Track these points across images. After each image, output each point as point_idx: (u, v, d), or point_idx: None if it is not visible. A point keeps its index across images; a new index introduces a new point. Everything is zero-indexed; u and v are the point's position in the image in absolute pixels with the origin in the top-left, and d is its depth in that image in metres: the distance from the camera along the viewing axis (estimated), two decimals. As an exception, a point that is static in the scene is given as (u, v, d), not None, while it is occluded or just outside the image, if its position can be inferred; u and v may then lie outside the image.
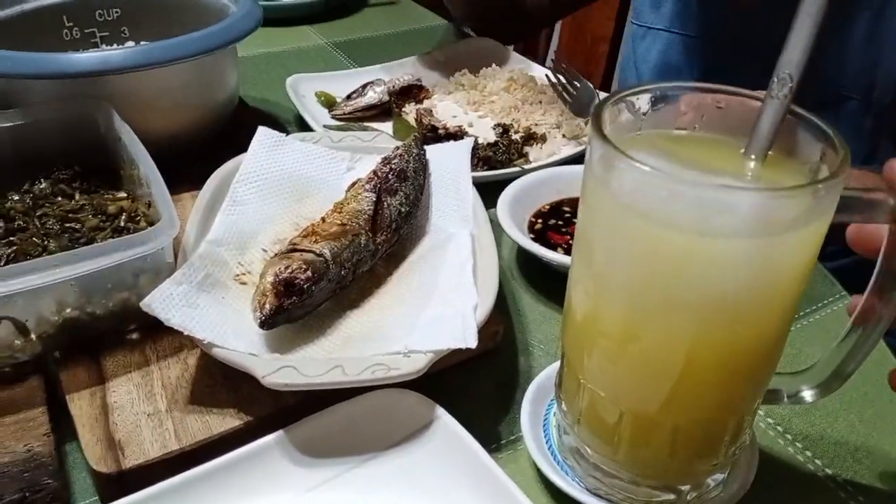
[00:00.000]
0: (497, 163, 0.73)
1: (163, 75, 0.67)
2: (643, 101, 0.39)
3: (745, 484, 0.44)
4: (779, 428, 0.50)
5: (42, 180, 0.63)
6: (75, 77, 0.63)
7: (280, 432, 0.44)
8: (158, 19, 0.81)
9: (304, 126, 0.80)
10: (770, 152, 0.36)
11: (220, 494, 0.43)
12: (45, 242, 0.56)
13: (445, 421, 0.45)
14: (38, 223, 0.59)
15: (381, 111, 0.83)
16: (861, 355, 0.41)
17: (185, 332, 0.46)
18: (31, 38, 0.75)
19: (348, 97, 0.84)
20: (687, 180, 0.33)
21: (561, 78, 0.85)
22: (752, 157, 0.36)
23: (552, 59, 0.90)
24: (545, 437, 0.48)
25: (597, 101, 0.79)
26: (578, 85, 0.84)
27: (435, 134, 0.77)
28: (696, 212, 0.33)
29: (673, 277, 0.35)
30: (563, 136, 0.79)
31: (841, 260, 0.75)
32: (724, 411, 0.40)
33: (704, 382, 0.38)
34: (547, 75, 0.88)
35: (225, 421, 0.46)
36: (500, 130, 0.79)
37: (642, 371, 0.39)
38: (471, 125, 0.82)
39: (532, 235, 0.64)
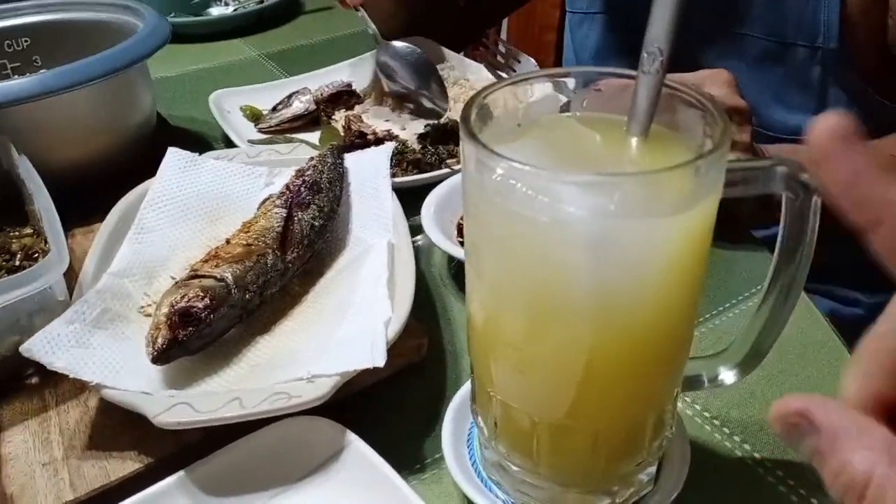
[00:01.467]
0: (427, 165, 0.70)
1: (66, 102, 0.64)
2: (520, 93, 0.36)
3: (678, 479, 0.41)
4: (715, 421, 0.47)
5: (-58, 222, 0.60)
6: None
7: (181, 473, 0.42)
8: (70, 45, 0.78)
9: (230, 143, 0.77)
10: (656, 128, 0.34)
11: (118, 546, 0.40)
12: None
13: (358, 447, 0.43)
14: (-64, 266, 0.56)
15: (309, 121, 0.80)
16: (777, 327, 0.39)
17: (71, 375, 0.43)
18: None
19: (274, 109, 0.81)
20: (561, 172, 0.30)
21: (500, 59, 0.82)
22: (634, 135, 0.34)
23: (483, 40, 0.87)
24: (469, 453, 0.45)
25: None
26: (520, 62, 0.81)
27: (364, 140, 0.75)
28: (572, 204, 0.31)
29: (561, 275, 0.32)
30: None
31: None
32: (640, 408, 0.37)
33: (613, 381, 0.35)
34: (487, 67, 0.85)
35: (124, 465, 0.44)
36: (430, 129, 0.76)
37: (548, 377, 0.36)
38: (403, 128, 0.79)
39: (461, 239, 0.61)
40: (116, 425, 0.46)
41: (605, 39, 0.93)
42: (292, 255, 0.53)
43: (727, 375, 0.41)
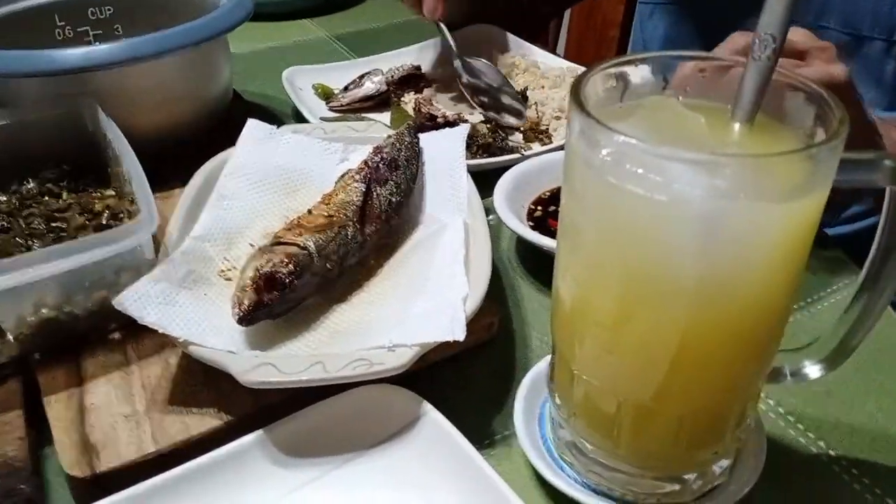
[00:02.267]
0: (497, 150, 0.71)
1: (150, 70, 0.65)
2: (626, 73, 0.36)
3: (753, 473, 0.41)
4: (790, 418, 0.47)
5: (30, 180, 0.62)
6: (59, 74, 0.61)
7: (260, 432, 0.43)
8: (152, 15, 0.80)
9: (301, 119, 0.78)
10: (760, 117, 0.34)
11: (198, 497, 0.41)
12: (29, 243, 0.55)
13: (433, 417, 0.43)
14: (23, 223, 0.57)
15: (379, 101, 0.81)
16: (868, 323, 0.38)
17: (160, 330, 0.44)
18: (22, 38, 0.73)
19: (345, 88, 0.82)
20: (673, 149, 0.30)
21: None
22: (739, 122, 0.34)
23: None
24: (541, 432, 0.45)
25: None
26: None
27: (433, 122, 0.75)
28: (684, 183, 0.31)
29: (664, 254, 0.33)
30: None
31: (847, 226, 0.72)
32: (727, 395, 0.37)
33: (703, 366, 0.35)
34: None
35: (204, 421, 0.45)
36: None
37: (638, 358, 0.36)
38: (471, 113, 0.80)
39: (531, 223, 0.61)
40: (196, 383, 0.47)
41: (675, 30, 0.93)
42: (370, 228, 0.53)
43: (812, 370, 0.41)
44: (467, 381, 0.50)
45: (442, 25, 0.84)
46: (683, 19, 0.90)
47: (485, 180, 0.62)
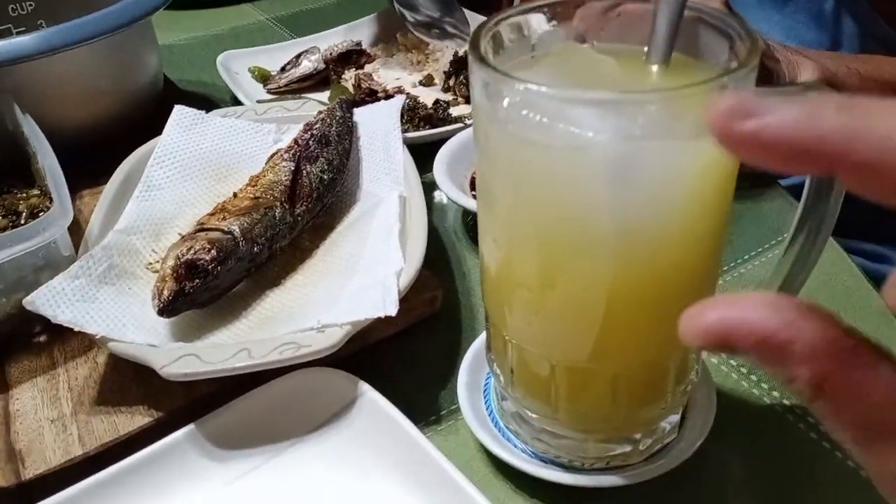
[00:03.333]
0: (439, 121, 0.69)
1: (69, 61, 0.63)
2: (532, 21, 0.35)
3: (703, 428, 0.40)
4: (742, 369, 0.46)
5: (-52, 185, 0.59)
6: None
7: (191, 426, 0.41)
8: (74, 9, 0.76)
9: (239, 105, 0.75)
10: (677, 56, 0.32)
11: (131, 497, 0.39)
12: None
13: (371, 398, 0.41)
14: (-57, 228, 0.55)
15: (318, 81, 0.79)
16: (805, 270, 0.37)
17: (76, 328, 0.42)
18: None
19: (282, 69, 0.79)
20: (573, 91, 0.28)
21: None
22: (654, 62, 0.32)
23: None
24: (486, 404, 0.44)
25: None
26: None
27: (374, 97, 0.73)
28: (591, 128, 0.29)
29: (578, 207, 0.31)
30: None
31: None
32: (662, 350, 0.36)
33: (633, 321, 0.34)
34: None
35: (133, 419, 0.43)
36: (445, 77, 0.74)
37: (566, 318, 0.34)
38: (414, 86, 0.78)
39: (474, 193, 0.59)
40: (125, 381, 0.45)
41: None
42: (301, 208, 0.51)
43: (754, 318, 0.39)
44: (412, 358, 0.49)
45: None
46: None
47: (429, 152, 0.60)
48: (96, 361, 0.46)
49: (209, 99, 0.80)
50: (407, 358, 0.48)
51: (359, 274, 0.47)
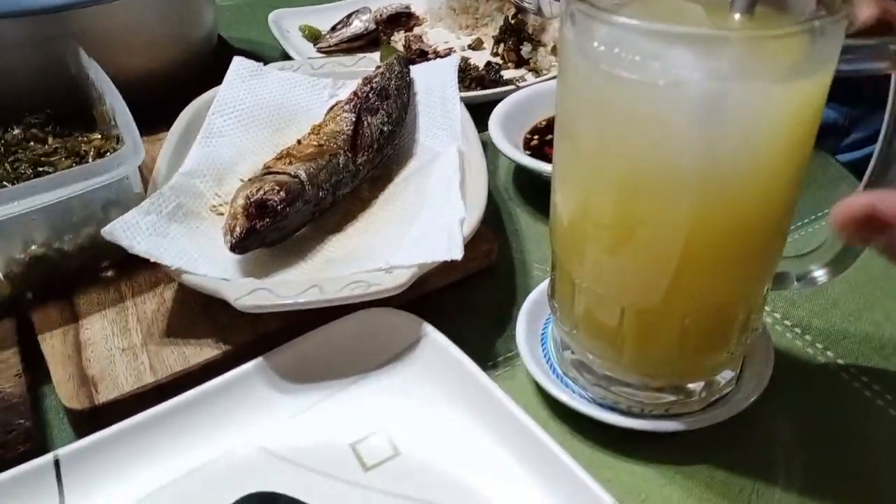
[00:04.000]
0: (491, 83, 0.69)
1: (130, 9, 0.64)
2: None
3: (760, 382, 0.41)
4: (797, 329, 0.46)
5: (14, 126, 0.60)
6: (38, 13, 0.59)
7: (260, 359, 0.42)
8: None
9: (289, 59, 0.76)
10: (761, 9, 0.32)
11: (199, 425, 0.40)
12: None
13: (434, 338, 0.42)
14: (9, 168, 0.56)
15: (368, 41, 0.79)
16: None
17: (152, 259, 0.43)
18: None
19: (333, 29, 0.80)
20: (668, 25, 0.29)
21: None
22: (738, 13, 0.32)
23: None
24: (543, 352, 0.45)
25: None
26: None
27: (425, 59, 0.73)
28: (683, 67, 0.29)
29: (664, 143, 0.31)
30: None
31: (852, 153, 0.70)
32: (732, 295, 0.36)
33: (708, 263, 0.34)
34: None
35: (202, 351, 0.44)
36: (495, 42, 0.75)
37: (642, 259, 0.35)
38: (463, 49, 0.78)
39: (528, 152, 0.60)
40: (193, 316, 0.46)
41: None
42: (363, 157, 0.52)
43: (819, 274, 0.40)
44: (469, 306, 0.49)
45: None
46: None
47: (480, 114, 0.61)
48: (163, 297, 0.48)
49: (261, 57, 0.81)
50: (464, 306, 0.49)
51: (420, 221, 0.48)
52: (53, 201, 0.44)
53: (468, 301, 0.50)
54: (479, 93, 0.67)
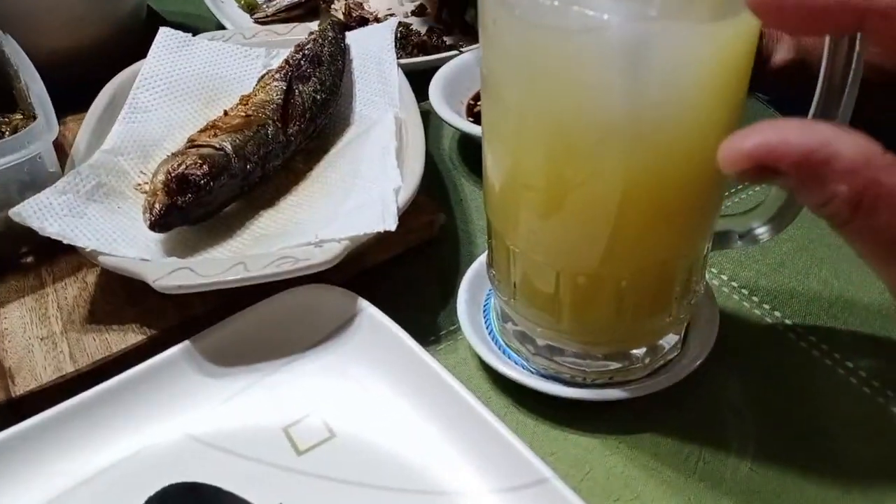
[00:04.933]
0: (433, 48, 0.67)
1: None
2: None
3: (705, 346, 0.40)
4: (744, 291, 0.45)
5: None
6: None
7: (186, 342, 0.40)
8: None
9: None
10: None
11: (121, 415, 0.38)
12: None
13: (370, 313, 0.41)
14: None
15: (307, 10, 0.76)
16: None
17: (65, 241, 0.40)
18: None
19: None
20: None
21: None
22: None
23: None
24: (486, 324, 0.43)
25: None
26: None
27: (365, 25, 0.71)
28: (604, 10, 0.27)
29: (590, 94, 0.30)
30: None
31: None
32: (669, 255, 0.35)
33: (642, 223, 0.33)
34: None
35: (126, 338, 0.42)
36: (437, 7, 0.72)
37: (574, 221, 0.33)
38: (406, 16, 0.75)
39: (471, 119, 0.58)
40: (117, 301, 0.44)
41: None
42: (294, 127, 0.50)
43: (761, 230, 0.38)
44: (410, 281, 0.48)
45: None
46: None
47: (423, 82, 0.59)
48: (86, 281, 0.45)
49: (194, 30, 0.77)
50: (405, 282, 0.48)
51: (355, 192, 0.46)
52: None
53: (410, 275, 0.48)
54: (421, 59, 0.65)
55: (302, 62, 0.53)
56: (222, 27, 0.73)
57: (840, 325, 0.43)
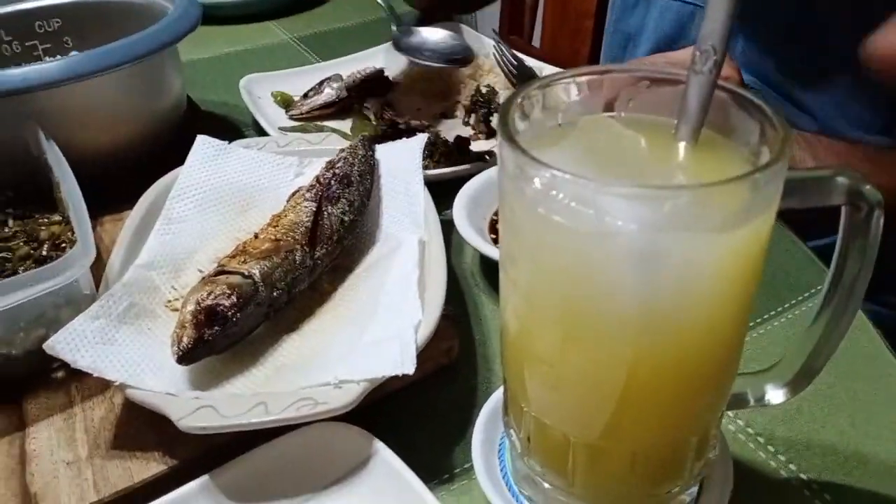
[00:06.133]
0: (459, 158, 0.68)
1: (94, 87, 0.63)
2: (559, 92, 0.34)
3: (720, 501, 0.40)
4: (760, 439, 0.45)
5: (-27, 206, 0.60)
6: (2, 97, 0.58)
7: (205, 477, 0.41)
8: (100, 26, 0.77)
9: (261, 130, 0.76)
10: (706, 132, 0.32)
11: (140, 550, 0.39)
12: (-29, 276, 0.53)
13: (384, 456, 0.41)
14: (-34, 254, 0.55)
15: (340, 108, 0.78)
16: (831, 345, 0.36)
17: (95, 374, 0.42)
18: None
19: (305, 96, 0.79)
20: (602, 183, 0.28)
21: (506, 54, 0.80)
22: (683, 140, 0.32)
23: (494, 31, 0.85)
24: (500, 464, 0.43)
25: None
26: (515, 63, 0.79)
27: (395, 129, 0.73)
28: (618, 216, 0.29)
29: (602, 290, 0.31)
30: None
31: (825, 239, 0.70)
32: (682, 430, 0.35)
33: (653, 402, 0.33)
34: (493, 54, 0.83)
35: (148, 466, 0.43)
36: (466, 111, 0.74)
37: (584, 395, 0.34)
38: (435, 117, 0.77)
39: (493, 235, 0.59)
40: (142, 425, 0.45)
41: (660, 25, 0.89)
42: (321, 251, 0.51)
43: (775, 395, 0.39)
44: (426, 410, 0.48)
45: None
46: (673, 13, 0.86)
47: (449, 189, 0.60)
48: (112, 402, 0.47)
49: (231, 122, 0.80)
50: (421, 410, 0.48)
51: (376, 323, 0.47)
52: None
53: (425, 404, 0.48)
54: (447, 170, 0.66)
55: (332, 182, 0.55)
56: (257, 121, 0.76)
57: (855, 482, 0.43)
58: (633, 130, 0.35)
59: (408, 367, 0.42)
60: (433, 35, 0.82)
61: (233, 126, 0.79)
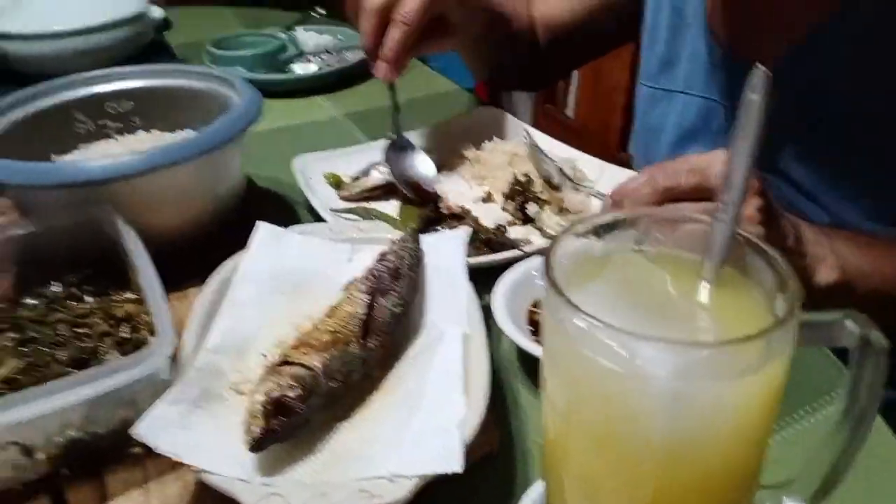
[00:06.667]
0: (499, 245, 0.73)
1: (167, 176, 0.69)
2: (599, 230, 0.40)
3: None
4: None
5: (53, 283, 0.65)
6: (82, 186, 0.65)
7: (270, 557, 0.45)
8: (167, 108, 0.84)
9: (312, 209, 0.81)
10: (727, 270, 0.38)
11: None
12: (55, 353, 0.58)
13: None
14: (51, 330, 0.60)
15: (386, 191, 0.84)
16: (846, 461, 0.40)
17: (174, 459, 0.47)
18: (45, 135, 0.78)
19: (355, 179, 0.85)
20: (639, 337, 0.33)
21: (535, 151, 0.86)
22: (706, 279, 0.38)
23: (525, 132, 0.90)
24: (536, 555, 0.47)
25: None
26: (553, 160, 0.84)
27: (438, 213, 0.78)
28: (648, 358, 0.33)
29: (631, 423, 0.35)
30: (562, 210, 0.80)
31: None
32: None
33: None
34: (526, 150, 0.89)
35: (216, 548, 0.47)
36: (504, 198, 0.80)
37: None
38: (475, 201, 0.83)
39: (531, 327, 0.64)
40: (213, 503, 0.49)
41: (682, 119, 0.91)
42: (373, 342, 0.56)
43: (795, 508, 0.42)
44: (467, 498, 0.52)
45: (393, 88, 0.89)
46: (694, 108, 0.89)
47: (489, 273, 0.65)
48: (185, 480, 0.51)
49: (286, 201, 0.86)
50: (462, 498, 0.52)
51: (421, 413, 0.52)
52: (91, 395, 0.49)
53: (466, 493, 0.52)
54: (486, 259, 0.71)
55: (384, 274, 0.60)
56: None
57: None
58: (659, 267, 0.40)
59: (455, 465, 0.46)
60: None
61: (287, 205, 0.85)
